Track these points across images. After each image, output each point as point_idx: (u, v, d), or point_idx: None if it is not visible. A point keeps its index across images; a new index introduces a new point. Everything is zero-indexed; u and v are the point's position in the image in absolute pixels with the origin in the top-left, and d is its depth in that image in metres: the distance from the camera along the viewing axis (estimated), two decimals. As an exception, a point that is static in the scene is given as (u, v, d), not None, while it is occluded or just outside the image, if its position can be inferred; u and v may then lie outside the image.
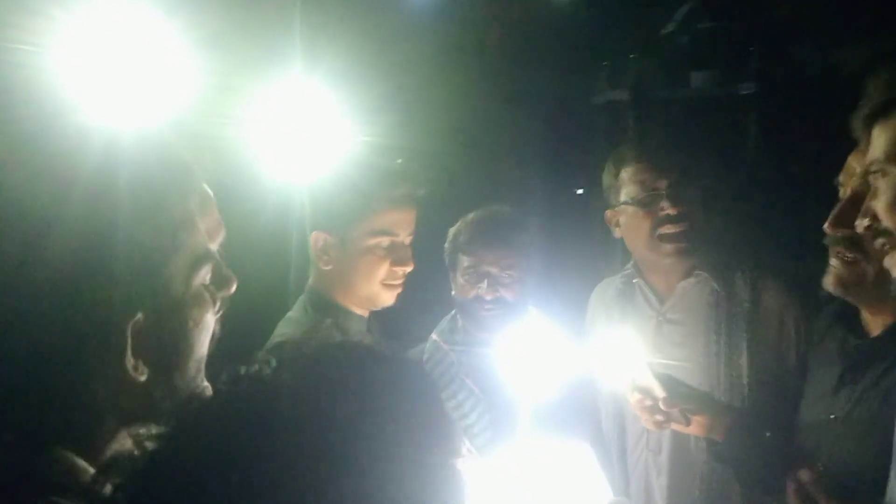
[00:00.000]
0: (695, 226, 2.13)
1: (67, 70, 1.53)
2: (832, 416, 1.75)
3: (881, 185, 1.28)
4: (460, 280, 2.26)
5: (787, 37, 4.31)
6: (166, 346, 0.98)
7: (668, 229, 2.14)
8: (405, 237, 2.12)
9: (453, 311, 2.36)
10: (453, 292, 2.32)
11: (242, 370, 0.82)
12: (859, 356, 1.75)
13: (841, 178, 1.72)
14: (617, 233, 2.26)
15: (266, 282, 1.83)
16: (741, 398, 2.08)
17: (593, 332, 2.31)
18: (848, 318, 1.82)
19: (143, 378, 0.95)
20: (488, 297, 2.21)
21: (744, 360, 2.09)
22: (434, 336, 2.35)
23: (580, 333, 2.32)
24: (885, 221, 1.27)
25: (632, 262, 2.33)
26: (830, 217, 1.69)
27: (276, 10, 2.36)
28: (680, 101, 4.50)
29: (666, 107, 4.41)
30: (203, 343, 1.03)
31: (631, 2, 4.59)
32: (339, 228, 2.05)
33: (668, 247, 2.15)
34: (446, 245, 2.32)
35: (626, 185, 2.21)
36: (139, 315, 0.94)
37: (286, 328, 2.08)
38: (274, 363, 0.82)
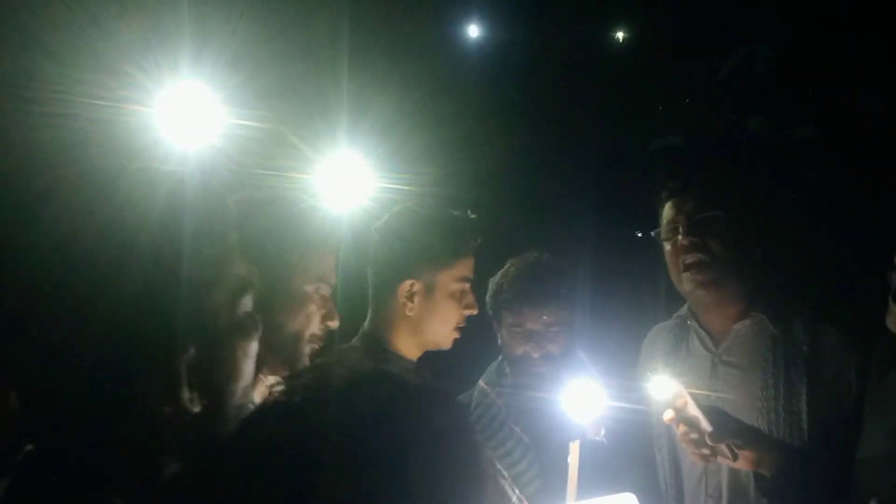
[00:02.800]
0: (714, 255, 2.11)
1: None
2: (879, 453, 1.71)
3: None
4: (505, 335, 2.28)
5: (846, 83, 4.25)
6: (217, 376, 1.01)
7: (687, 259, 2.13)
8: (470, 284, 2.19)
9: (500, 358, 2.35)
10: (499, 342, 2.32)
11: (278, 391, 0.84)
12: None
13: None
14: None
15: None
16: (799, 440, 2.02)
17: (646, 375, 2.27)
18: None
19: (197, 409, 0.98)
20: (535, 356, 2.22)
21: (802, 404, 2.03)
22: (482, 383, 2.35)
23: (633, 378, 2.28)
24: None
25: (686, 304, 2.31)
26: None
27: (326, 66, 2.43)
28: (735, 146, 4.45)
29: (720, 151, 4.36)
30: (250, 369, 1.06)
31: (687, 47, 4.59)
32: (429, 275, 2.11)
33: (688, 275, 2.14)
34: (488, 298, 2.34)
35: (661, 223, 2.23)
36: (192, 350, 0.97)
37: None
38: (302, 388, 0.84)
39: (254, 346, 1.06)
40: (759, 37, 4.51)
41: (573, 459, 1.89)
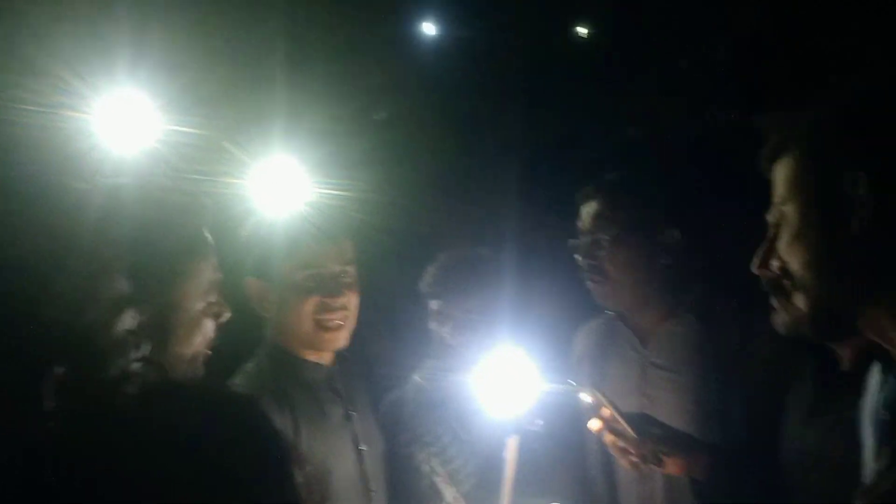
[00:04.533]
0: (608, 275, 2.15)
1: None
2: (807, 452, 1.74)
3: (780, 226, 1.30)
4: (436, 326, 2.30)
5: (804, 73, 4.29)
6: (90, 395, 1.00)
7: (587, 274, 2.17)
8: (335, 268, 2.05)
9: (434, 353, 2.37)
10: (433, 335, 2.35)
11: None
12: (830, 391, 1.75)
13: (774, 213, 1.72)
14: None
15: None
16: (731, 442, 2.05)
17: (580, 373, 2.30)
18: (821, 352, 1.80)
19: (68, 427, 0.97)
20: (453, 342, 2.23)
21: (735, 405, 2.06)
22: (417, 377, 2.34)
23: (568, 373, 2.30)
24: (786, 263, 1.29)
25: None
26: (756, 259, 1.70)
27: (264, 69, 2.44)
28: (695, 138, 4.48)
29: (679, 144, 4.39)
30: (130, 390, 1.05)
31: (641, 41, 4.61)
32: (270, 271, 2.01)
33: (592, 285, 2.16)
34: (421, 293, 2.36)
35: None
36: (62, 368, 0.96)
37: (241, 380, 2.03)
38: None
39: (134, 366, 1.06)
40: (716, 33, 4.54)
41: (510, 456, 1.92)
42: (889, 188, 1.16)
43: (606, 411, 1.95)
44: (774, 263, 1.33)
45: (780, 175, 1.30)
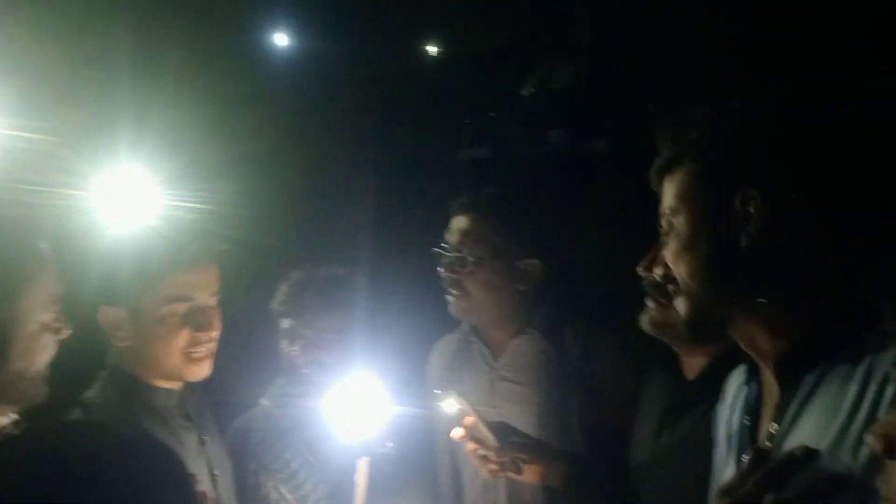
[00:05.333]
0: (468, 291, 2.21)
1: None
2: (656, 460, 1.83)
3: (669, 235, 1.35)
4: (285, 346, 2.27)
5: (639, 97, 4.53)
6: None
7: (448, 288, 2.23)
8: (206, 299, 1.97)
9: (282, 376, 2.34)
10: (283, 360, 2.31)
11: None
12: (677, 400, 1.84)
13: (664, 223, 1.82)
14: None
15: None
16: (571, 448, 2.14)
17: (435, 384, 2.34)
18: (668, 362, 1.91)
19: None
20: (301, 360, 2.22)
21: (573, 417, 2.16)
22: (264, 402, 2.31)
23: (421, 392, 2.33)
24: (672, 269, 1.34)
25: None
26: (643, 262, 1.79)
27: (106, 68, 2.32)
28: (538, 159, 4.62)
29: (524, 164, 4.53)
30: None
31: (491, 62, 4.71)
32: (130, 300, 1.90)
33: (452, 299, 2.23)
34: (271, 311, 2.33)
35: None
36: None
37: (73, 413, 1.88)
38: None
39: None
40: (562, 53, 4.70)
41: (361, 477, 1.91)
42: (778, 207, 1.23)
43: (469, 419, 1.99)
44: (658, 270, 1.39)
45: (672, 188, 1.35)
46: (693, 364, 1.84)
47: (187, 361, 1.96)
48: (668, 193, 1.36)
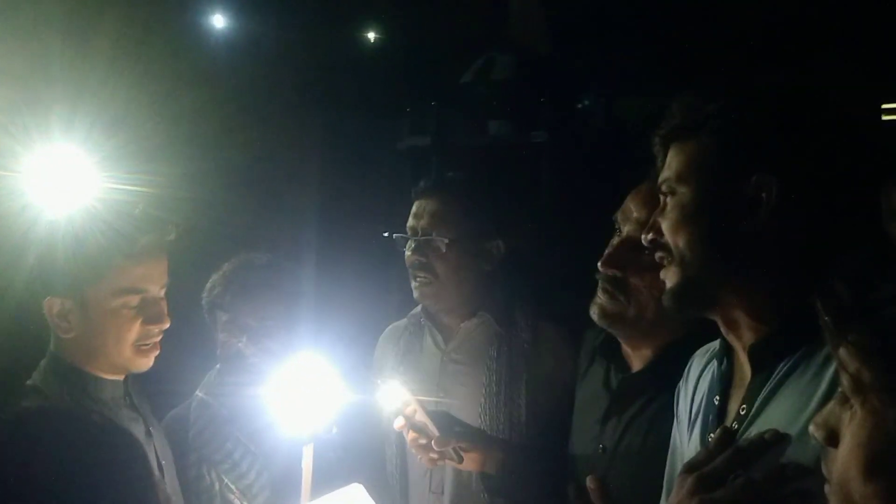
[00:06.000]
0: (437, 274, 2.21)
1: None
2: (600, 449, 1.84)
3: (669, 203, 1.33)
4: (221, 336, 2.21)
5: (576, 89, 4.58)
6: None
7: (413, 272, 2.23)
8: (157, 291, 1.93)
9: (217, 366, 2.28)
10: (218, 350, 2.25)
11: None
12: (621, 390, 1.86)
13: (619, 216, 1.83)
14: None
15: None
16: (519, 434, 2.16)
17: (381, 374, 2.32)
18: (612, 353, 1.93)
19: None
20: (250, 352, 2.17)
21: (521, 400, 2.17)
22: (200, 393, 2.25)
23: (367, 376, 2.31)
24: (668, 238, 1.33)
25: (421, 304, 2.37)
26: (604, 257, 1.80)
27: (36, 45, 2.22)
28: (478, 149, 4.64)
29: (464, 154, 4.55)
30: None
31: (433, 51, 4.71)
32: (77, 291, 1.83)
33: (415, 284, 2.24)
34: (203, 301, 2.25)
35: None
36: None
37: (28, 401, 1.81)
38: None
39: None
40: (500, 44, 4.72)
41: (307, 464, 1.87)
42: (792, 199, 1.23)
43: (410, 409, 2.00)
44: (647, 236, 1.38)
45: (681, 156, 1.33)
46: (638, 356, 1.86)
47: (136, 353, 1.91)
48: (676, 161, 1.34)
